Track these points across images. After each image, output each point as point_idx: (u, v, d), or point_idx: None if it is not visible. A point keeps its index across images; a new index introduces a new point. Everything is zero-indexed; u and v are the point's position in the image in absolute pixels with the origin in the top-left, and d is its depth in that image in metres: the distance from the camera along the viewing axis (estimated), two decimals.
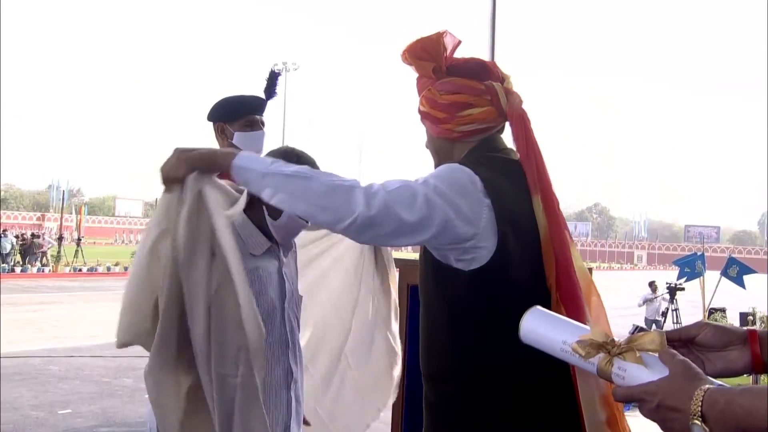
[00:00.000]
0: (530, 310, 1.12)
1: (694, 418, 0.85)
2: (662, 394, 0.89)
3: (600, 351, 0.99)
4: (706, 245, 51.37)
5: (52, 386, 6.86)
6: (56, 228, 37.21)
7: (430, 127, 1.60)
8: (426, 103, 1.59)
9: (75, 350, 8.91)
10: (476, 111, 1.53)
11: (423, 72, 1.58)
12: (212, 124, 2.69)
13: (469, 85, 1.54)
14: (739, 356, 1.04)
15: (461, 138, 1.56)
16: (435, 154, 1.64)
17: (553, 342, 1.07)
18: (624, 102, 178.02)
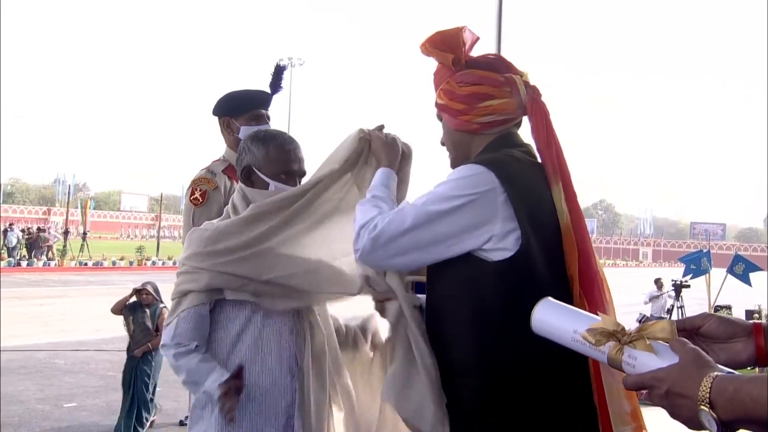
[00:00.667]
0: (541, 302, 1.12)
1: (702, 404, 0.86)
2: (672, 380, 0.90)
3: (610, 339, 1.00)
4: (711, 242, 51.20)
5: (58, 380, 6.89)
6: (62, 222, 37.31)
7: (449, 120, 1.59)
8: (444, 95, 1.58)
9: (80, 344, 8.95)
10: (496, 102, 1.54)
11: (443, 62, 1.58)
12: (218, 118, 2.69)
13: (489, 77, 1.55)
14: (744, 348, 1.05)
15: (480, 130, 1.56)
16: (452, 149, 1.63)
17: (564, 332, 1.07)
18: (630, 98, 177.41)
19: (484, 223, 1.41)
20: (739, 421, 0.86)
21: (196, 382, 1.78)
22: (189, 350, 1.80)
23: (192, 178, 2.60)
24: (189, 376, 1.79)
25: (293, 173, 1.90)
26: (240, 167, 1.94)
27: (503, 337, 1.41)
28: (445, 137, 1.64)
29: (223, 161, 2.66)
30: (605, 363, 1.02)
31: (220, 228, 1.83)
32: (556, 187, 1.49)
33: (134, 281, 6.76)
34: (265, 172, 1.88)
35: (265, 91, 2.69)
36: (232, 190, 2.56)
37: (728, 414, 0.85)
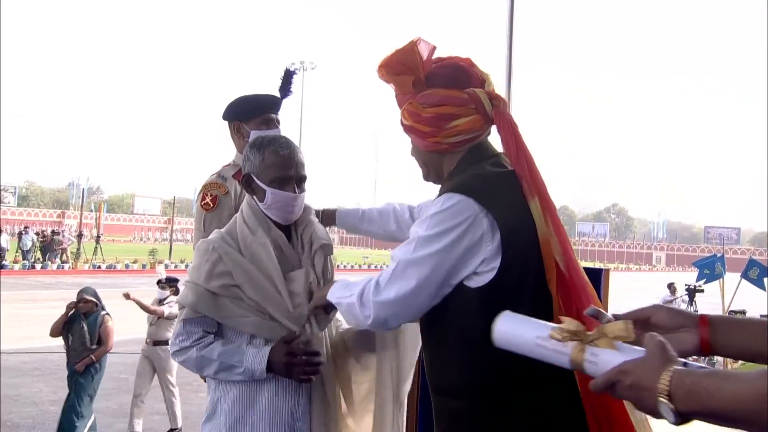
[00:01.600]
0: (501, 315, 1.16)
1: (661, 396, 0.90)
2: (636, 373, 0.94)
3: (574, 338, 1.04)
4: (726, 247, 50.75)
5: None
6: (76, 225, 37.65)
7: (417, 141, 1.57)
8: (409, 116, 1.55)
9: None
10: (462, 121, 1.50)
11: (403, 89, 1.55)
12: (228, 122, 2.70)
13: (452, 96, 1.51)
14: (690, 338, 1.10)
15: (450, 149, 1.54)
16: (424, 166, 1.62)
17: (527, 340, 1.11)
18: (644, 101, 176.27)
19: (477, 249, 1.40)
20: (695, 413, 0.89)
21: (230, 366, 1.80)
22: (209, 342, 1.82)
23: (203, 183, 2.61)
24: (220, 364, 1.80)
25: (289, 179, 1.87)
26: (242, 175, 1.95)
27: (488, 361, 1.40)
28: (415, 155, 1.63)
29: (233, 166, 2.67)
30: (567, 367, 1.05)
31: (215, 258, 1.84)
32: (533, 202, 1.47)
33: (147, 284, 6.83)
34: (262, 179, 1.87)
35: (275, 96, 2.69)
36: (243, 194, 2.57)
37: (686, 406, 0.88)
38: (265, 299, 1.82)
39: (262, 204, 1.88)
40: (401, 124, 1.59)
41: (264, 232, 1.87)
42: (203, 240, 1.92)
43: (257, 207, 1.90)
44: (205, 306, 1.82)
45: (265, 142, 1.90)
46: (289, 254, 1.90)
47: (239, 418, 1.82)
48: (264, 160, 1.86)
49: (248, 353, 1.80)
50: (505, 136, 1.52)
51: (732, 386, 0.87)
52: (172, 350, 1.87)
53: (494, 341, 1.15)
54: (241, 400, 1.83)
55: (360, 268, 34.44)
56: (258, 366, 1.78)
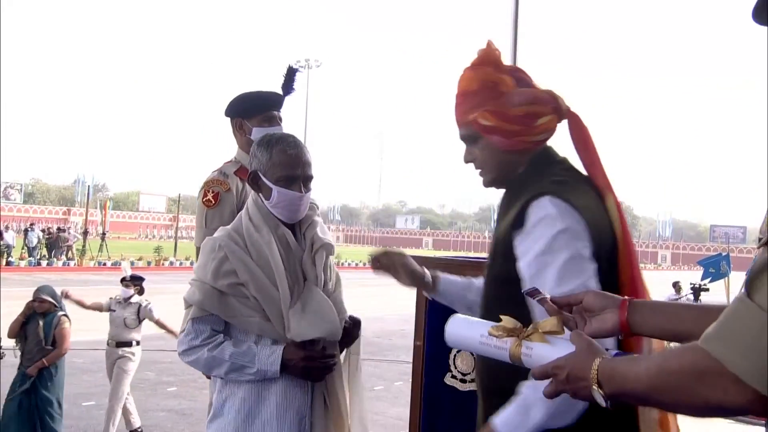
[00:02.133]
0: (451, 318, 1.28)
1: (593, 383, 1.00)
2: (569, 367, 1.05)
3: (511, 335, 1.17)
4: (731, 245, 50.57)
5: (77, 378, 6.96)
6: (81, 222, 37.75)
7: (500, 142, 1.53)
8: (493, 116, 1.52)
9: (99, 343, 8.99)
10: (546, 120, 1.52)
11: (507, 86, 1.53)
12: (230, 119, 2.70)
13: (537, 95, 1.53)
14: (611, 318, 1.19)
15: (531, 148, 1.54)
16: (495, 169, 1.58)
17: (472, 339, 1.23)
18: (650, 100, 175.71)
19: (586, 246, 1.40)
20: (618, 395, 0.99)
21: (242, 367, 1.80)
22: (219, 341, 1.83)
23: (204, 179, 2.62)
24: (232, 365, 1.80)
25: (296, 178, 1.88)
26: (249, 172, 1.95)
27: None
28: (487, 158, 1.57)
29: (235, 163, 2.67)
30: (508, 361, 1.17)
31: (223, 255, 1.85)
32: (610, 197, 1.49)
33: (152, 281, 6.82)
34: (269, 177, 1.88)
35: (278, 93, 2.69)
36: (245, 191, 2.57)
37: (611, 390, 0.99)
38: (264, 299, 1.82)
39: (268, 202, 1.89)
40: (474, 126, 1.55)
41: (270, 229, 1.88)
42: (209, 238, 1.92)
43: (263, 204, 1.91)
44: (211, 304, 1.82)
45: (273, 141, 1.90)
46: (296, 251, 1.91)
47: (248, 416, 1.83)
48: (271, 159, 1.87)
49: (260, 354, 1.80)
50: (579, 132, 1.54)
51: (636, 368, 0.96)
52: (181, 349, 1.86)
53: (447, 342, 1.27)
54: (250, 398, 1.84)
55: (364, 266, 34.44)
56: (271, 367, 1.79)
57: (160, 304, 5.91)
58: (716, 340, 0.85)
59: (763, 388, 0.80)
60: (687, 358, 0.89)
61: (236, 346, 1.82)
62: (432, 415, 2.51)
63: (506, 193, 1.58)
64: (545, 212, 1.40)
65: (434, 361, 2.51)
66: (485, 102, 1.53)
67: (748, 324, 0.82)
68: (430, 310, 2.54)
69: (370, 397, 6.04)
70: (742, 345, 0.82)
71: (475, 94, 1.55)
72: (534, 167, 1.53)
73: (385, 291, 18.51)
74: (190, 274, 1.94)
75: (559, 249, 1.37)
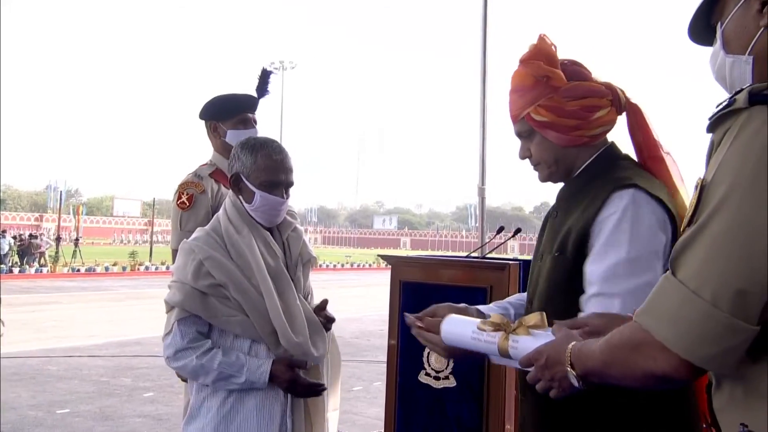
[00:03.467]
0: (446, 318, 1.38)
1: (568, 366, 1.08)
2: (548, 353, 1.13)
3: (499, 329, 1.25)
4: None
5: (51, 386, 6.86)
6: (54, 228, 37.16)
7: (557, 137, 1.51)
8: (549, 111, 1.50)
9: (73, 350, 8.91)
10: (604, 113, 1.50)
11: (558, 80, 1.50)
12: (205, 122, 2.71)
13: (593, 87, 1.51)
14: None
15: (590, 142, 1.52)
16: (554, 164, 1.56)
17: (465, 336, 1.32)
18: None
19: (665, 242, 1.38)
20: (586, 375, 1.05)
21: (229, 376, 1.82)
22: (208, 348, 1.83)
23: (179, 182, 2.62)
24: (219, 374, 1.81)
25: (279, 184, 1.91)
26: (230, 173, 1.96)
27: None
28: (544, 153, 1.55)
29: (210, 165, 2.67)
30: (497, 354, 1.25)
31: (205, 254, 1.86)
32: (683, 190, 1.48)
33: (127, 286, 6.75)
34: (252, 181, 1.89)
35: (252, 96, 2.70)
36: (220, 193, 2.58)
37: (581, 371, 1.06)
38: (245, 300, 1.83)
39: (249, 205, 1.90)
40: (529, 121, 1.53)
41: (250, 231, 1.90)
42: (186, 241, 1.93)
43: (242, 207, 1.92)
44: (193, 304, 1.82)
45: (258, 145, 1.92)
46: (278, 254, 1.93)
47: (227, 416, 1.84)
48: (256, 162, 1.88)
49: (249, 365, 1.82)
50: (642, 123, 1.53)
51: (593, 346, 1.04)
52: (167, 354, 1.85)
53: (443, 340, 1.37)
54: (230, 399, 1.85)
55: (342, 267, 34.40)
56: (259, 379, 1.82)
57: (135, 309, 5.85)
58: (645, 314, 0.94)
59: (684, 352, 0.89)
60: (625, 332, 0.98)
61: (225, 356, 1.82)
62: (407, 412, 2.54)
63: (568, 188, 1.56)
64: (629, 202, 1.38)
65: (408, 360, 2.54)
66: (539, 97, 1.51)
67: (671, 298, 0.91)
68: (404, 309, 2.57)
69: (348, 397, 6.05)
70: (666, 316, 0.91)
71: (528, 89, 1.52)
72: (602, 161, 1.52)
73: (363, 292, 18.54)
74: (167, 278, 1.94)
75: (640, 242, 1.35)
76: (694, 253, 0.89)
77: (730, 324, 0.85)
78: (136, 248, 31.38)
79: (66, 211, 45.14)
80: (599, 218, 1.40)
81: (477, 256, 3.10)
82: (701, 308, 0.87)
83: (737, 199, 0.86)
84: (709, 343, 0.87)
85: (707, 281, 0.87)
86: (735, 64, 1.03)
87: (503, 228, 3.10)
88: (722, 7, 1.06)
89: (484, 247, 3.50)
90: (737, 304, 0.85)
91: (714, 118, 0.96)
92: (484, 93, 4.32)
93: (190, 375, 1.87)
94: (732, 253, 0.86)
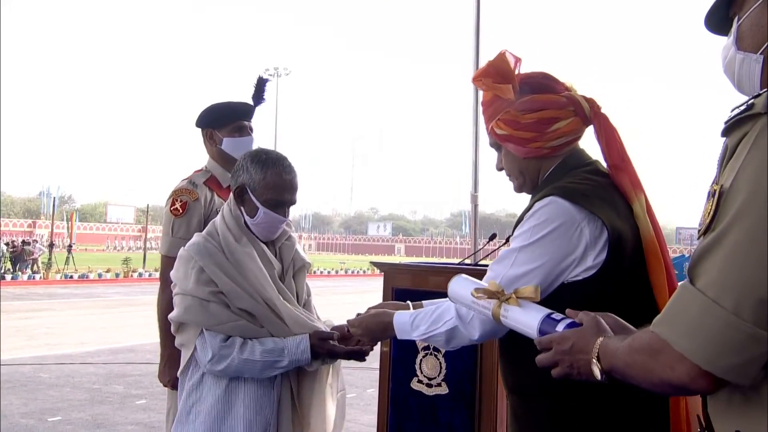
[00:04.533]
0: (455, 277, 1.42)
1: (594, 358, 1.07)
2: (574, 339, 1.12)
3: (493, 297, 1.30)
4: None
5: (42, 393, 6.83)
6: (47, 235, 37.02)
7: (516, 150, 1.55)
8: (507, 125, 1.54)
9: (65, 357, 8.87)
10: (563, 124, 1.52)
11: (506, 95, 1.53)
12: (201, 130, 2.72)
13: (551, 100, 1.52)
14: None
15: (550, 154, 1.54)
16: (519, 176, 1.60)
17: (466, 297, 1.37)
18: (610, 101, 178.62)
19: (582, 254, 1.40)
20: (610, 371, 1.05)
21: (274, 362, 1.83)
22: (243, 342, 1.83)
23: (173, 188, 2.62)
24: (264, 363, 1.82)
25: (284, 203, 1.92)
26: (235, 183, 1.95)
27: None
28: (510, 165, 1.60)
29: (205, 172, 2.68)
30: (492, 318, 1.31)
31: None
32: (638, 201, 1.48)
33: (120, 293, 6.73)
34: (258, 196, 1.89)
35: (248, 103, 2.71)
36: (213, 201, 2.58)
37: (606, 366, 1.06)
38: (252, 309, 1.84)
39: (251, 219, 1.90)
40: (493, 135, 1.58)
41: (249, 241, 1.91)
42: (184, 249, 1.93)
43: (242, 218, 1.92)
44: (192, 316, 1.82)
45: (269, 162, 1.90)
46: (273, 263, 1.94)
47: (215, 422, 1.84)
48: (265, 179, 1.88)
49: (288, 346, 1.83)
50: (607, 134, 1.54)
51: (620, 345, 1.03)
52: (207, 359, 1.83)
53: (450, 299, 1.43)
54: (218, 404, 1.85)
55: (337, 273, 34.37)
56: (302, 356, 1.84)
57: (128, 316, 5.83)
58: (663, 324, 0.94)
59: (704, 363, 0.87)
60: (645, 338, 0.98)
61: (263, 344, 1.83)
62: (399, 419, 2.54)
63: (531, 199, 1.58)
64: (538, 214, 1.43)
65: (401, 367, 2.55)
66: (497, 111, 1.55)
67: (689, 307, 0.90)
68: None
69: None
70: (684, 326, 0.90)
71: (488, 104, 1.58)
72: (557, 171, 1.54)
73: (357, 299, 18.51)
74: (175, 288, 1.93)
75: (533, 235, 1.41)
76: (714, 262, 0.88)
77: (753, 334, 0.83)
78: (129, 255, 31.28)
79: (59, 218, 44.98)
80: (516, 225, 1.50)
81: (469, 263, 3.11)
82: (722, 317, 0.85)
83: (758, 207, 0.84)
84: (731, 354, 0.85)
85: (728, 290, 0.85)
86: (745, 62, 1.02)
87: (496, 235, 3.11)
88: (742, 1, 1.05)
89: (476, 253, 3.52)
90: (760, 314, 0.83)
91: (730, 122, 0.94)
92: (477, 101, 4.35)
93: (235, 372, 1.84)
94: (753, 261, 0.84)
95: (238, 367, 1.82)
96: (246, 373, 1.84)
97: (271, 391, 1.89)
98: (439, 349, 2.46)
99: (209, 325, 1.82)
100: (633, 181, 1.51)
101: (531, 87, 1.54)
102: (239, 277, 1.83)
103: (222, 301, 1.83)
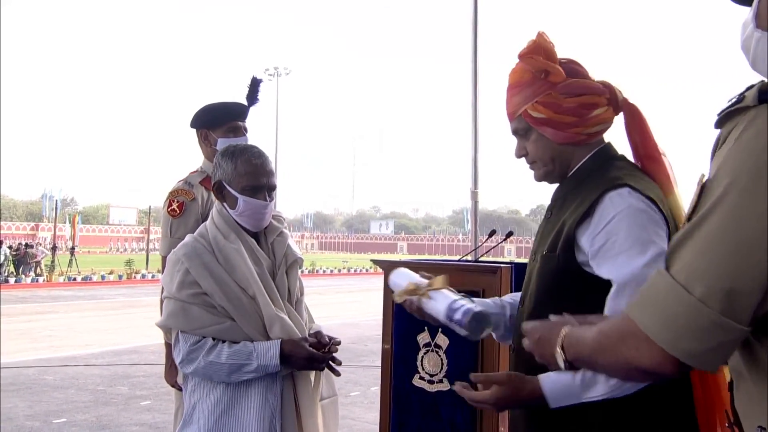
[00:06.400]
0: (395, 269, 1.59)
1: (558, 347, 1.13)
2: (541, 332, 1.20)
3: (412, 295, 1.45)
4: None
5: (47, 396, 6.85)
6: (50, 237, 37.08)
7: (554, 135, 1.49)
8: (546, 108, 1.48)
9: (70, 359, 8.89)
10: (601, 111, 1.49)
11: (558, 76, 1.47)
12: (195, 130, 2.73)
13: (591, 85, 1.49)
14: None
15: (586, 141, 1.50)
16: (550, 162, 1.53)
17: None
18: None
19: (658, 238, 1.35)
20: (574, 360, 1.11)
21: (241, 365, 1.81)
22: (212, 345, 1.83)
23: (170, 189, 2.63)
24: (230, 367, 1.80)
25: (261, 187, 1.92)
26: (213, 182, 1.98)
27: None
28: (540, 151, 1.53)
29: (200, 173, 2.69)
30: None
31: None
32: (675, 192, 1.46)
33: (124, 294, 6.75)
34: (234, 187, 1.91)
35: (242, 104, 2.72)
36: (210, 201, 2.59)
37: (569, 355, 1.12)
38: (235, 306, 1.84)
39: (234, 211, 1.92)
40: (526, 118, 1.51)
41: (237, 236, 1.91)
42: (173, 251, 1.94)
43: (227, 214, 1.94)
44: (173, 321, 1.84)
45: (237, 152, 1.94)
46: (263, 260, 1.94)
47: (219, 420, 1.85)
48: (236, 169, 1.91)
49: (258, 350, 1.82)
50: (639, 125, 1.51)
51: (586, 332, 1.07)
52: (178, 363, 1.87)
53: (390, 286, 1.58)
54: (222, 402, 1.85)
55: (339, 272, 34.38)
56: (270, 361, 1.81)
57: (132, 318, 5.84)
58: (635, 306, 0.95)
59: (667, 346, 0.88)
60: (615, 322, 1.00)
61: (231, 346, 1.82)
62: (401, 416, 2.55)
63: (562, 187, 1.55)
64: (626, 203, 1.36)
65: (402, 364, 2.56)
66: (537, 93, 1.48)
67: (660, 290, 0.91)
68: (398, 314, 2.58)
69: (346, 403, 6.05)
70: (653, 309, 0.91)
71: (525, 85, 1.50)
72: (596, 160, 1.50)
73: (359, 297, 18.53)
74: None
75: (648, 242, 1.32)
76: (688, 249, 0.89)
77: (718, 321, 0.84)
78: (132, 256, 31.34)
79: (62, 220, 45.07)
80: (593, 219, 1.38)
81: (470, 260, 3.12)
82: (689, 303, 0.86)
83: (734, 198, 0.85)
84: (694, 339, 0.86)
85: (698, 277, 0.86)
86: (761, 40, 0.98)
87: (495, 231, 3.11)
88: None
89: (477, 250, 3.52)
90: (727, 303, 0.84)
91: (723, 114, 0.94)
92: (476, 97, 4.34)
93: (203, 376, 1.85)
94: (725, 251, 0.84)
95: (205, 370, 1.82)
96: (214, 377, 1.84)
97: (276, 389, 1.89)
98: (441, 345, 2.46)
99: (191, 329, 1.83)
100: (668, 173, 1.48)
101: (567, 71, 1.49)
102: (225, 275, 1.84)
103: (206, 302, 1.83)
